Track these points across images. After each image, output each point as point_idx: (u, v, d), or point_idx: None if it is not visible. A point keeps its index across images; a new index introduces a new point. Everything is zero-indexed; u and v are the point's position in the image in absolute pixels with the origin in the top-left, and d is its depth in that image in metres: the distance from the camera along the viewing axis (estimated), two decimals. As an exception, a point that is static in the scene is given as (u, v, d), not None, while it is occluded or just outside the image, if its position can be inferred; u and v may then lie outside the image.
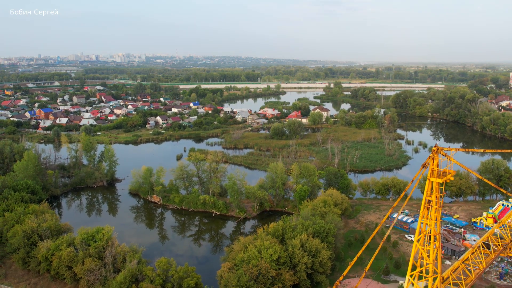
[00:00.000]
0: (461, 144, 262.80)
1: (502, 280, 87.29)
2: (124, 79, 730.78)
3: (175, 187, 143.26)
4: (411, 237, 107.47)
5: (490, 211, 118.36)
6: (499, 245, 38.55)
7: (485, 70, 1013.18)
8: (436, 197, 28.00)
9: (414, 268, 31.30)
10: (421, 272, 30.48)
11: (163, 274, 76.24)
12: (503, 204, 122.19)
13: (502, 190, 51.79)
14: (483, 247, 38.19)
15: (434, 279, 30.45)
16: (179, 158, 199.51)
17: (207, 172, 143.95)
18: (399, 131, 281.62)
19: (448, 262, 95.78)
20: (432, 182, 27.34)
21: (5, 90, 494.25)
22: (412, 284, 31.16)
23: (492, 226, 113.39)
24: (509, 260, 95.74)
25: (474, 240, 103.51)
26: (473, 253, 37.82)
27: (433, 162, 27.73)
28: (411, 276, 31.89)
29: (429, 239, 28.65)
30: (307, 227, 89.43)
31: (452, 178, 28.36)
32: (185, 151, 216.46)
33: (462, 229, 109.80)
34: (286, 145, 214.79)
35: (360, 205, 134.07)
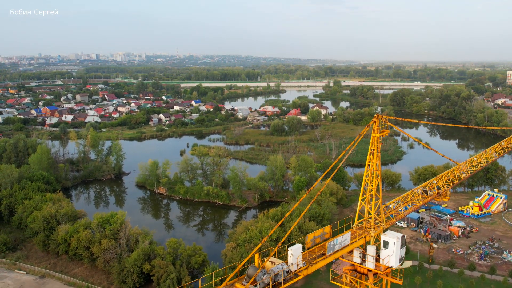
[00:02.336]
0: (456, 140, 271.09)
1: (482, 260, 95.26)
2: (125, 78, 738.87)
3: (180, 179, 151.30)
4: (400, 223, 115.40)
5: (476, 200, 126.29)
6: (435, 192, 46.41)
7: (484, 69, 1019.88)
8: (377, 146, 37.86)
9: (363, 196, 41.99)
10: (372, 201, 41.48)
11: (173, 252, 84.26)
12: (488, 194, 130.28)
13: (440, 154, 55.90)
14: (422, 193, 46.16)
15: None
16: (182, 153, 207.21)
17: (210, 165, 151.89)
18: (397, 130, 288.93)
19: (434, 245, 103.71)
20: (374, 137, 37.35)
21: (9, 89, 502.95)
22: (364, 206, 41.01)
23: (478, 215, 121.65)
24: (490, 243, 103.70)
25: (459, 226, 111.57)
26: (414, 196, 45.70)
27: (375, 123, 37.37)
28: (362, 200, 40.33)
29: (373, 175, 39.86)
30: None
31: (386, 134, 37.92)
32: (188, 146, 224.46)
33: (449, 216, 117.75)
34: (286, 141, 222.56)
35: (355, 196, 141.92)
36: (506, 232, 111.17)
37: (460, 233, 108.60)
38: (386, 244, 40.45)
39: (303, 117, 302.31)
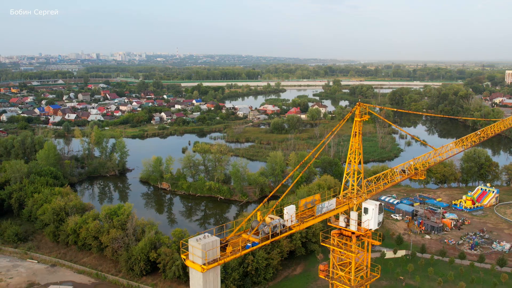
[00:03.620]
0: (454, 138, 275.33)
1: (473, 250, 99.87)
2: (126, 77, 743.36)
3: (183, 175, 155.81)
4: (395, 216, 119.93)
5: (469, 194, 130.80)
6: (412, 171, 51.04)
7: (483, 68, 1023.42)
8: (359, 129, 42.81)
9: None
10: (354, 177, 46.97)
11: (178, 241, 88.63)
12: (481, 189, 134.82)
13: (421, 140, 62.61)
14: (400, 172, 50.80)
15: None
16: (184, 150, 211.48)
17: (212, 161, 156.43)
18: (395, 127, 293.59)
19: (427, 236, 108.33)
20: (356, 121, 42.31)
21: (11, 88, 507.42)
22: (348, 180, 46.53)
23: (470, 208, 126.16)
24: (480, 234, 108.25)
25: (452, 219, 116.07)
26: (393, 174, 50.28)
27: (357, 109, 42.33)
28: (347, 174, 44.91)
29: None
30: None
31: (366, 119, 42.83)
32: (189, 144, 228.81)
33: (442, 209, 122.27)
34: (285, 138, 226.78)
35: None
36: (497, 224, 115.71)
37: (452, 225, 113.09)
38: (366, 210, 46.35)
39: (303, 116, 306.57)
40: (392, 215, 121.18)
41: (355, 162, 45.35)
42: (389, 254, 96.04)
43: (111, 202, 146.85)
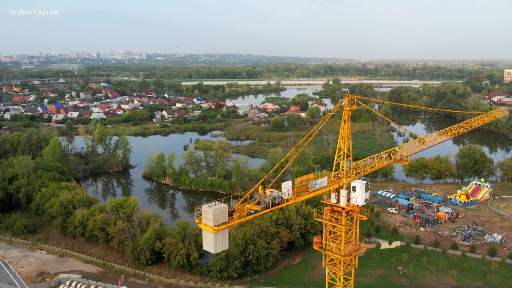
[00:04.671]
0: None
1: (465, 241, 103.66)
2: (127, 76, 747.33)
3: (185, 171, 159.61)
4: (392, 209, 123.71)
5: (464, 189, 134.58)
6: (398, 157, 54.94)
7: (483, 67, 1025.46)
8: (348, 117, 46.88)
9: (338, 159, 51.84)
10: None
11: (182, 232, 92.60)
12: (476, 184, 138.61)
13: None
14: (387, 157, 54.67)
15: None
16: (186, 147, 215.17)
17: (213, 157, 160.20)
18: (393, 124, 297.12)
19: (422, 229, 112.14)
20: (345, 110, 46.49)
21: (13, 87, 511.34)
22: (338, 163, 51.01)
23: (465, 202, 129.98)
24: (473, 227, 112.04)
25: (446, 212, 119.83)
26: (380, 158, 54.13)
27: (347, 100, 46.34)
28: (338, 157, 48.81)
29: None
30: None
31: (354, 108, 46.93)
32: (191, 141, 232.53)
33: (437, 203, 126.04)
34: (285, 136, 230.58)
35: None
36: (490, 218, 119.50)
37: (446, 218, 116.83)
38: (354, 188, 51.26)
39: (303, 114, 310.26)
40: (388, 208, 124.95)
41: (344, 146, 49.47)
42: (384, 245, 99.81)
43: (115, 197, 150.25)
